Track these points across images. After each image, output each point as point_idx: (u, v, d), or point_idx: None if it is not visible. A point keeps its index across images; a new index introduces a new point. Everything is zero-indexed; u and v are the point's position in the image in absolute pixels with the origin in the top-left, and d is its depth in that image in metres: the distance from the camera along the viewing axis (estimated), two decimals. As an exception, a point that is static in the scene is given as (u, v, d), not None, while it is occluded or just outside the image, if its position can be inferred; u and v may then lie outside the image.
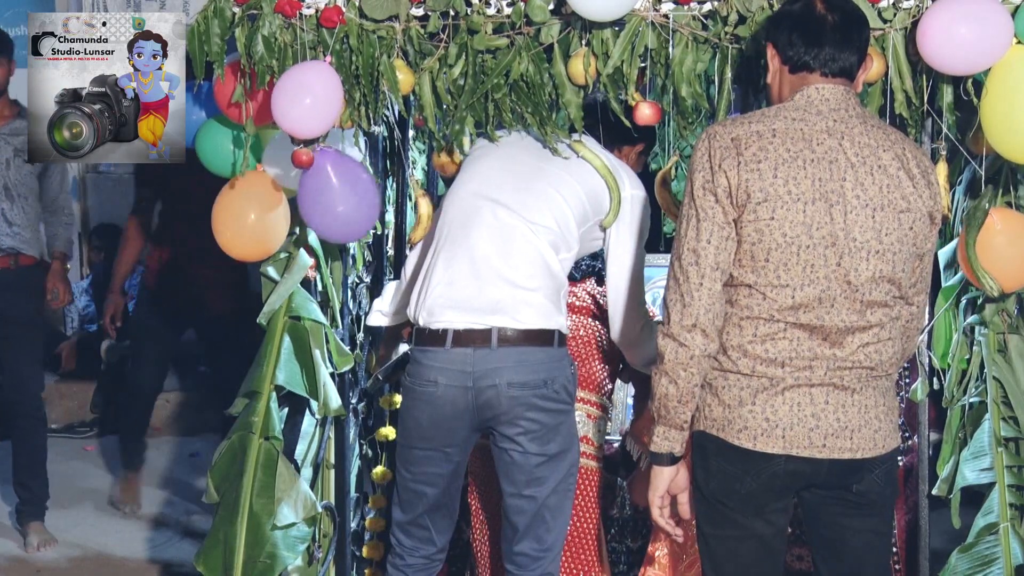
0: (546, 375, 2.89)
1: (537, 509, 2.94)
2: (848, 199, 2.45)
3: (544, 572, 2.98)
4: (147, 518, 5.14)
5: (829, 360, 2.47)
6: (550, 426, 2.91)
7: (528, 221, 2.95)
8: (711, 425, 2.53)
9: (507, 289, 2.90)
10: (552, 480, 2.93)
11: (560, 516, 2.99)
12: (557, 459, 2.93)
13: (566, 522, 3.03)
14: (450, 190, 3.08)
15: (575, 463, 3.00)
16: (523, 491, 2.94)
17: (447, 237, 2.98)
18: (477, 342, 2.88)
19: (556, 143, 3.00)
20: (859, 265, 2.45)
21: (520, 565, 2.99)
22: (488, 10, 2.94)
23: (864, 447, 2.50)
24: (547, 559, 2.98)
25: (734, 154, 2.45)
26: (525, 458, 2.91)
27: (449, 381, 2.90)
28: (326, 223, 3.08)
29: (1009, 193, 2.97)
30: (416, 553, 3.07)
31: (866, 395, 2.50)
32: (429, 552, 3.07)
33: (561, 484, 2.96)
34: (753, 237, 2.44)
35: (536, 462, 2.91)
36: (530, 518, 2.95)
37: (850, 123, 2.49)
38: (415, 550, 3.07)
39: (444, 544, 3.10)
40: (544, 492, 2.93)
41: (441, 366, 2.90)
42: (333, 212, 3.04)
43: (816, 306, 2.45)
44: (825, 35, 2.51)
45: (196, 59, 3.03)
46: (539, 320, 2.90)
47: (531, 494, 2.93)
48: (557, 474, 2.94)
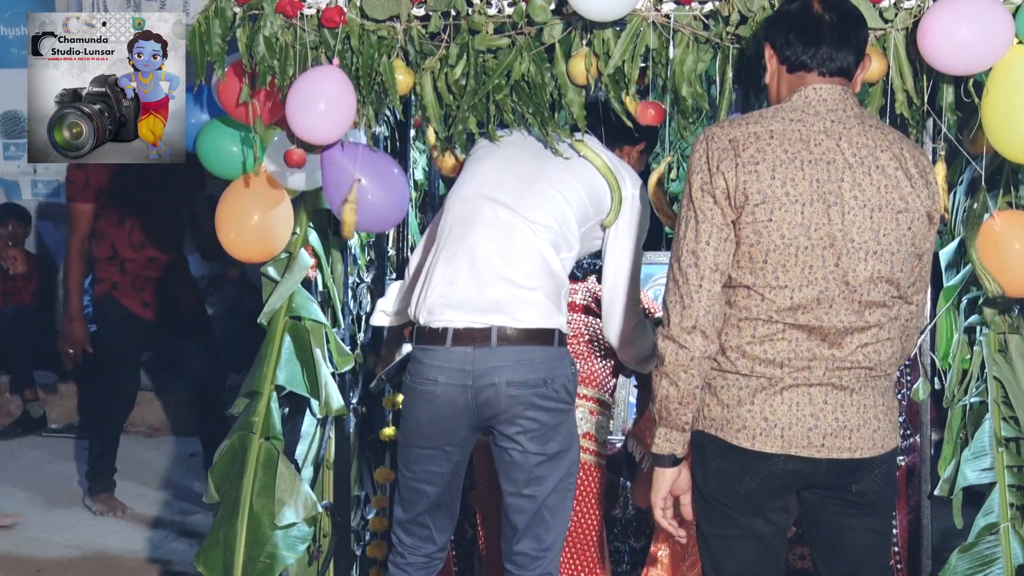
0: (546, 374, 2.89)
1: (537, 508, 2.94)
2: (846, 200, 2.45)
3: (544, 572, 2.98)
4: (146, 518, 5.14)
5: (828, 360, 2.47)
6: (550, 425, 2.91)
7: (529, 220, 2.95)
8: (710, 425, 2.53)
9: (507, 288, 2.91)
10: (552, 479, 2.94)
11: (560, 515, 2.99)
12: (557, 458, 2.94)
13: (566, 521, 3.03)
14: (452, 190, 3.09)
15: (575, 463, 3.00)
16: (523, 490, 2.94)
17: (448, 237, 2.99)
18: (477, 341, 2.89)
19: (557, 143, 3.00)
20: (857, 266, 2.45)
21: (519, 565, 2.99)
22: (489, 10, 2.94)
23: (863, 447, 2.50)
24: (546, 559, 2.98)
25: (732, 156, 2.45)
26: (525, 457, 2.91)
27: (449, 380, 2.90)
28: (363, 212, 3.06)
29: (1010, 193, 2.98)
30: (417, 552, 3.08)
31: (865, 395, 2.51)
32: (430, 551, 3.08)
33: (561, 484, 2.96)
34: (751, 239, 2.45)
35: (536, 461, 2.91)
36: (530, 517, 2.95)
37: (848, 123, 2.49)
38: (416, 548, 3.07)
39: (444, 543, 3.10)
40: (544, 491, 2.93)
41: (441, 365, 2.91)
42: (365, 201, 3.03)
43: (814, 307, 2.45)
44: (823, 35, 2.51)
45: (197, 59, 3.02)
46: (539, 319, 2.90)
47: (531, 493, 2.94)
48: (557, 473, 2.94)
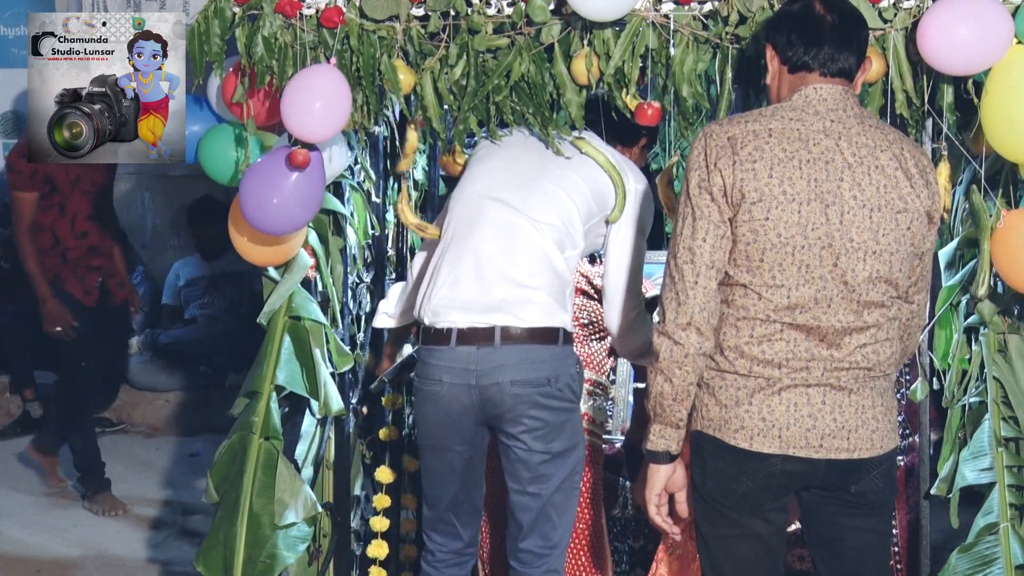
0: (549, 373, 2.90)
1: (542, 506, 2.95)
2: (845, 200, 2.44)
3: (549, 569, 3.00)
4: (146, 518, 5.14)
5: (826, 361, 2.47)
6: (554, 424, 2.92)
7: (532, 220, 2.96)
8: (708, 425, 2.53)
9: (511, 288, 2.92)
10: (557, 478, 2.95)
11: (566, 514, 3.00)
12: (562, 457, 2.95)
13: (572, 519, 3.04)
14: (456, 191, 3.10)
15: (580, 461, 3.01)
16: (528, 488, 2.95)
17: (452, 238, 3.01)
18: (481, 340, 2.90)
19: (559, 142, 3.00)
20: (856, 266, 2.45)
21: (525, 562, 3.00)
22: (489, 10, 2.94)
23: (861, 447, 2.50)
24: (553, 556, 3.00)
25: (729, 153, 2.45)
26: (530, 455, 2.93)
27: (454, 379, 2.92)
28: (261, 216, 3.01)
29: (1009, 193, 2.98)
30: (445, 548, 3.12)
31: (863, 395, 2.50)
32: (457, 547, 3.12)
33: (566, 482, 2.97)
34: (748, 237, 2.45)
35: (540, 459, 2.93)
36: (535, 515, 2.96)
37: (848, 123, 2.49)
38: (444, 545, 3.12)
39: (472, 538, 3.14)
40: (549, 489, 2.95)
41: (446, 365, 2.93)
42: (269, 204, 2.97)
43: (812, 306, 2.45)
44: (824, 35, 2.51)
45: (196, 59, 3.03)
46: (543, 318, 2.91)
47: (536, 491, 2.95)
48: (562, 472, 2.95)
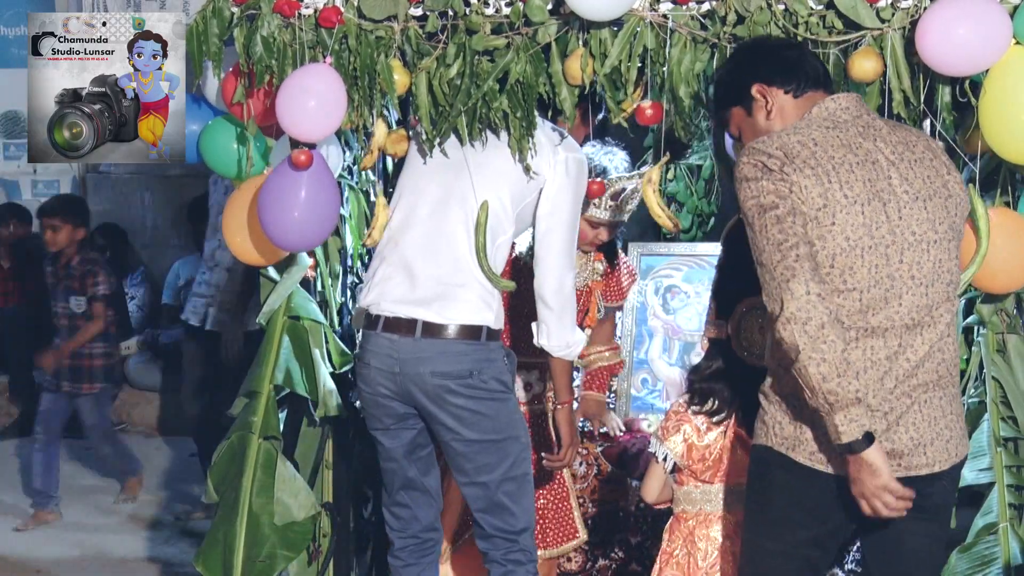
0: (472, 366, 2.95)
1: (493, 495, 3.00)
2: (899, 195, 2.45)
3: (520, 548, 3.04)
4: (146, 518, 5.15)
5: (898, 373, 2.44)
6: (481, 412, 2.96)
7: (459, 214, 2.98)
8: (780, 443, 2.51)
9: (436, 287, 2.97)
10: (500, 467, 2.99)
11: (521, 500, 3.04)
12: (500, 445, 2.99)
13: (530, 504, 3.08)
14: (400, 179, 3.14)
15: (525, 449, 3.05)
16: (474, 479, 3.01)
17: (388, 240, 3.07)
18: (403, 330, 2.97)
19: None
20: (920, 258, 2.44)
21: (495, 546, 3.05)
22: (486, 10, 2.94)
23: (939, 460, 2.49)
24: (520, 540, 3.04)
25: (787, 162, 2.42)
26: (467, 445, 2.98)
27: (379, 364, 3.01)
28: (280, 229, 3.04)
29: (1007, 193, 2.98)
30: (405, 533, 3.14)
31: (934, 407, 2.48)
32: (415, 530, 3.14)
33: (512, 470, 3.01)
34: (816, 244, 2.41)
35: (477, 448, 2.98)
36: (487, 504, 3.01)
37: (875, 125, 2.52)
38: (403, 531, 3.14)
39: (429, 522, 3.16)
40: (495, 478, 2.99)
41: (372, 349, 3.03)
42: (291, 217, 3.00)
43: (883, 306, 2.42)
44: (806, 58, 2.61)
45: (195, 59, 3.04)
46: (466, 316, 2.96)
47: (482, 480, 3.00)
48: (505, 461, 2.99)
